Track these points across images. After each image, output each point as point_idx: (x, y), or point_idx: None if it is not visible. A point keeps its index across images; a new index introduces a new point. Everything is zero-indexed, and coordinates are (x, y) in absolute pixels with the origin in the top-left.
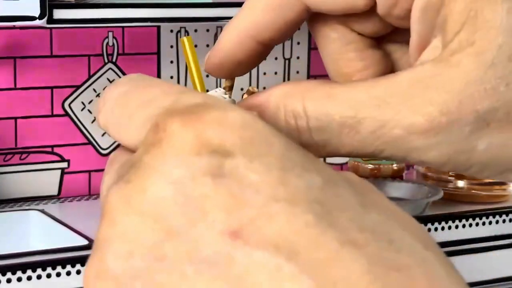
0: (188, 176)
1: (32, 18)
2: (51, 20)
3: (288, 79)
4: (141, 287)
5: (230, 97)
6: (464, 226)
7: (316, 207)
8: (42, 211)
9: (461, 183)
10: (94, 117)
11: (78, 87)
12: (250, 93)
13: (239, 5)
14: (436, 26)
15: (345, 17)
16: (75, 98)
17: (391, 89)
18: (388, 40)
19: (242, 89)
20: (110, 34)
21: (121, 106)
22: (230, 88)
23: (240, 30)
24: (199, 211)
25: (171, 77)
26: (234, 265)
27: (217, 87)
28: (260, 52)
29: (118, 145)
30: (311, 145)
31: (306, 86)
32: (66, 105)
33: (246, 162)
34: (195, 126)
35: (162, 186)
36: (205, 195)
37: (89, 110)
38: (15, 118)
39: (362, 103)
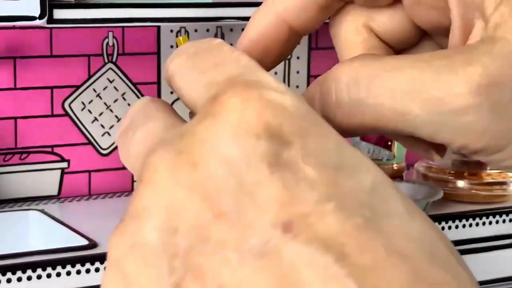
0: (244, 159)
1: (32, 18)
2: (51, 20)
3: (288, 79)
4: (180, 266)
5: None
6: (464, 226)
7: (366, 211)
8: (42, 211)
9: (461, 183)
10: (94, 117)
11: (78, 87)
12: None
13: (239, 5)
14: (476, 5)
15: (370, 16)
16: (75, 98)
17: (435, 54)
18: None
19: None
20: (110, 34)
21: (192, 61)
22: None
23: (273, 12)
24: (251, 198)
25: None
26: (281, 259)
27: None
28: (290, 40)
29: (117, 147)
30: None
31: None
32: (66, 105)
33: (303, 155)
34: (255, 105)
35: (214, 164)
36: (260, 183)
37: (89, 110)
38: (15, 118)
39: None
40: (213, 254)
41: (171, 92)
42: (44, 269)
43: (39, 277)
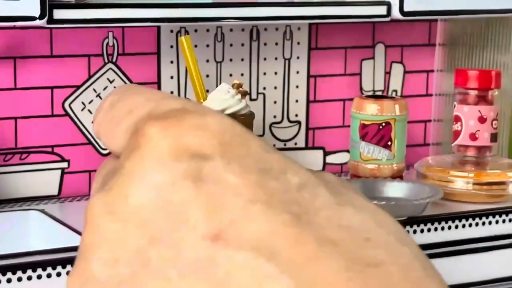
0: (169, 180)
1: (32, 18)
2: (51, 20)
3: (288, 79)
4: None
5: (238, 95)
6: (464, 226)
7: (294, 207)
8: (42, 211)
9: (461, 183)
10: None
11: (78, 87)
12: (237, 86)
13: (239, 5)
14: None
15: None
16: (75, 98)
17: None
18: None
19: (233, 85)
20: (110, 34)
21: (109, 114)
22: (239, 86)
23: None
24: (180, 216)
25: (171, 77)
26: (216, 268)
27: (216, 87)
28: None
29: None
30: None
31: None
32: (66, 105)
33: (224, 165)
34: (174, 131)
35: (143, 191)
36: (186, 199)
37: (89, 110)
38: (15, 118)
39: None
40: (155, 276)
41: (171, 92)
42: (44, 269)
43: (39, 277)
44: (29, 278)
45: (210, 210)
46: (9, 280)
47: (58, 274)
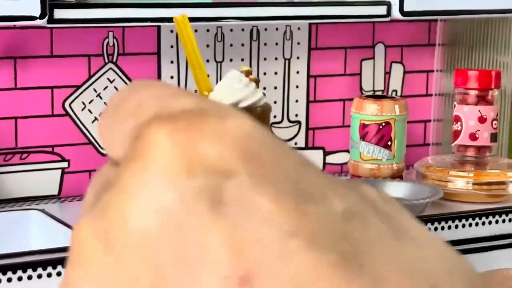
0: (179, 201)
1: (32, 18)
2: (51, 20)
3: (288, 79)
4: None
5: (252, 83)
6: (464, 226)
7: (341, 243)
8: (43, 211)
9: (461, 183)
10: (95, 117)
11: (78, 87)
12: (248, 73)
13: (239, 5)
14: None
15: None
16: (75, 98)
17: None
18: None
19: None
20: (110, 34)
21: (112, 114)
22: (249, 73)
23: None
24: (195, 249)
25: (171, 77)
26: None
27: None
28: None
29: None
30: None
31: None
32: (66, 105)
33: (253, 184)
34: (185, 137)
35: (145, 214)
36: (203, 227)
37: (89, 110)
38: (15, 118)
39: None
40: None
41: None
42: (44, 269)
43: (39, 276)
44: (30, 277)
45: (236, 244)
46: (9, 280)
47: (59, 274)
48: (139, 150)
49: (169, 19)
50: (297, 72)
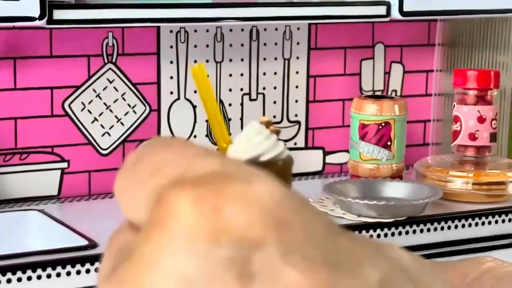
0: (204, 273)
1: (32, 19)
2: (51, 21)
3: (288, 79)
4: None
5: (273, 135)
6: (464, 226)
7: None
8: (42, 211)
9: (460, 183)
10: (94, 117)
11: (78, 87)
12: (268, 124)
13: (239, 5)
14: None
15: None
16: (75, 98)
17: None
18: None
19: (262, 123)
20: (110, 34)
21: (131, 174)
22: (269, 124)
23: None
24: None
25: (171, 77)
26: None
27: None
28: None
29: (117, 147)
30: None
31: None
32: (66, 105)
33: (282, 254)
34: (210, 204)
35: (167, 287)
36: None
37: (89, 110)
38: (15, 118)
39: None
40: None
41: (171, 93)
42: (44, 269)
43: (39, 277)
44: (29, 278)
45: None
46: (9, 281)
47: (58, 275)
48: (161, 218)
49: (169, 19)
50: (297, 72)
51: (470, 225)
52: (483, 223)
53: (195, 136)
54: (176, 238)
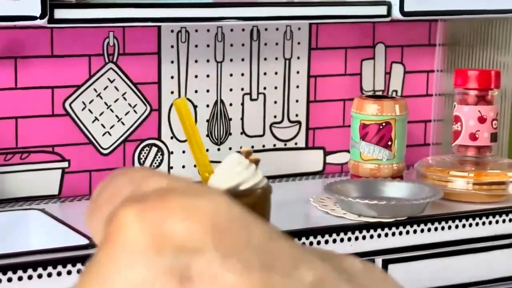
0: (149, 282)
1: (33, 18)
2: (52, 20)
3: (289, 79)
4: None
5: (252, 165)
6: (464, 226)
7: None
8: (43, 211)
9: (461, 183)
10: (95, 117)
11: (78, 87)
12: (248, 154)
13: (239, 5)
14: None
15: None
16: (75, 98)
17: None
18: None
19: (242, 154)
20: (111, 34)
21: (93, 203)
22: (249, 154)
23: None
24: None
25: (172, 77)
26: None
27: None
28: None
29: (117, 146)
30: None
31: None
32: (66, 105)
33: (220, 259)
34: (153, 215)
35: None
36: None
37: (89, 110)
38: (16, 118)
39: None
40: None
41: (172, 92)
42: (45, 268)
43: (40, 276)
44: (30, 277)
45: None
46: (10, 279)
47: (59, 274)
48: (111, 234)
49: (169, 19)
50: (297, 72)
51: (470, 225)
52: (483, 223)
53: None
54: (124, 250)
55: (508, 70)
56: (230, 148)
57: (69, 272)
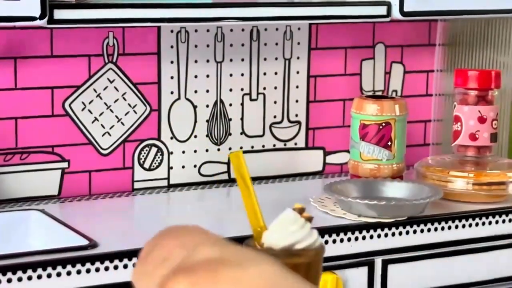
0: None
1: (32, 19)
2: (51, 21)
3: (288, 79)
4: None
5: (307, 223)
6: (464, 226)
7: None
8: (43, 211)
9: (461, 183)
10: (95, 117)
11: (78, 87)
12: (301, 211)
13: (239, 5)
14: None
15: None
16: (75, 98)
17: None
18: None
19: (295, 210)
20: (111, 34)
21: (143, 265)
22: (302, 211)
23: None
24: None
25: (171, 77)
26: None
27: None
28: None
29: (117, 146)
30: None
31: None
32: (66, 105)
33: None
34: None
35: None
36: None
37: (89, 110)
38: (16, 118)
39: None
40: None
41: (171, 92)
42: (44, 269)
43: (39, 277)
44: (30, 278)
45: None
46: (9, 280)
47: (58, 274)
48: None
49: (169, 19)
50: (297, 72)
51: (470, 225)
52: (483, 223)
53: (195, 136)
54: None
55: (508, 70)
56: (230, 148)
57: (68, 273)
